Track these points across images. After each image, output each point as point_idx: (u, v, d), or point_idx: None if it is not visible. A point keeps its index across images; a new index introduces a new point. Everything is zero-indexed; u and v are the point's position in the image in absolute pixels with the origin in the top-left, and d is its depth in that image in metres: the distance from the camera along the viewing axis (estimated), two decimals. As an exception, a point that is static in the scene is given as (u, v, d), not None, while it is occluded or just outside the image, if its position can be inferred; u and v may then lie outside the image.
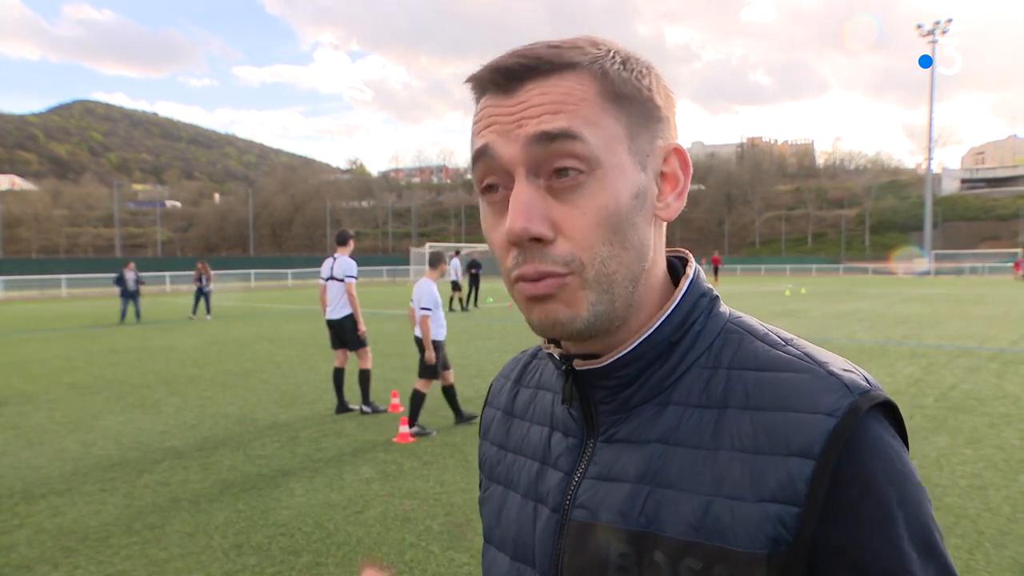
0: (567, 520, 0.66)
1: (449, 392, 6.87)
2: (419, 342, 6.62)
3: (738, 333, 0.67)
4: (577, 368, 0.68)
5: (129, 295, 19.54)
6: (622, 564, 0.61)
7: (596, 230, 0.61)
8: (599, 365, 0.66)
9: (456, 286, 21.20)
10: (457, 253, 22.43)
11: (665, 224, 0.69)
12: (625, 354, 0.65)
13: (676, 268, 0.72)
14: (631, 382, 0.66)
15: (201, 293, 20.26)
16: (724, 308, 0.70)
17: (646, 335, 0.66)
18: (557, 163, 0.60)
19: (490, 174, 0.63)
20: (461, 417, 6.95)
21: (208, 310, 20.38)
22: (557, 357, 0.70)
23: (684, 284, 0.68)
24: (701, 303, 0.68)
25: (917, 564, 0.57)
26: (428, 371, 6.55)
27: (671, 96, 0.68)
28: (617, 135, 0.62)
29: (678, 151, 0.67)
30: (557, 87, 0.61)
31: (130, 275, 19.67)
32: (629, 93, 0.63)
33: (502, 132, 0.62)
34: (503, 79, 0.62)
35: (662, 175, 0.66)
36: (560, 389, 0.72)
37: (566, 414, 0.72)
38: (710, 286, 0.71)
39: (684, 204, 0.68)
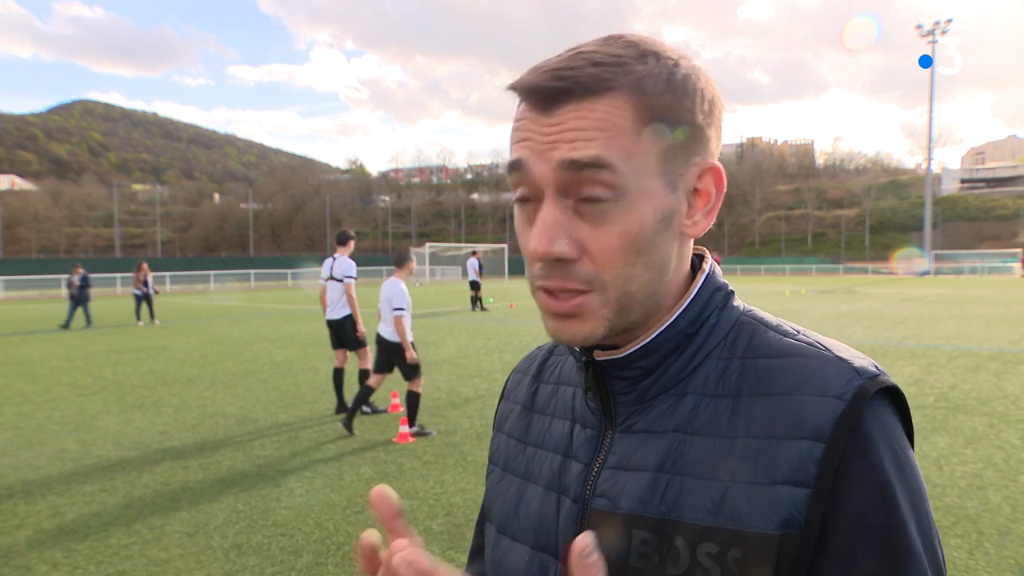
0: (588, 509, 0.68)
1: (412, 399, 6.52)
2: (383, 343, 6.54)
3: (751, 325, 0.70)
4: (597, 359, 0.69)
5: (75, 299, 18.14)
6: (643, 551, 0.63)
7: (620, 252, 0.62)
8: (618, 356, 0.68)
9: (475, 285, 21.47)
10: (474, 253, 22.43)
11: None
12: (644, 345, 0.68)
13: (693, 264, 0.74)
14: (649, 372, 0.68)
15: (144, 297, 18.87)
16: (738, 302, 0.73)
17: (663, 327, 0.68)
18: (585, 190, 0.61)
19: (522, 185, 0.65)
20: (417, 427, 6.54)
21: (152, 315, 19.05)
22: (577, 350, 0.71)
23: (700, 279, 0.70)
24: (716, 297, 0.71)
25: (918, 542, 0.59)
26: (413, 371, 6.49)
27: (716, 109, 0.67)
28: (649, 160, 0.62)
29: (714, 170, 0.67)
30: (593, 112, 0.61)
31: (74, 278, 18.30)
32: (668, 117, 0.63)
33: (535, 150, 0.63)
34: (539, 98, 0.63)
35: (695, 191, 0.67)
36: (580, 382, 0.75)
37: (585, 407, 0.74)
38: (725, 281, 0.73)
39: (713, 221, 0.68)
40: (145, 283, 19.03)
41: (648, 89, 0.62)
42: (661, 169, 0.63)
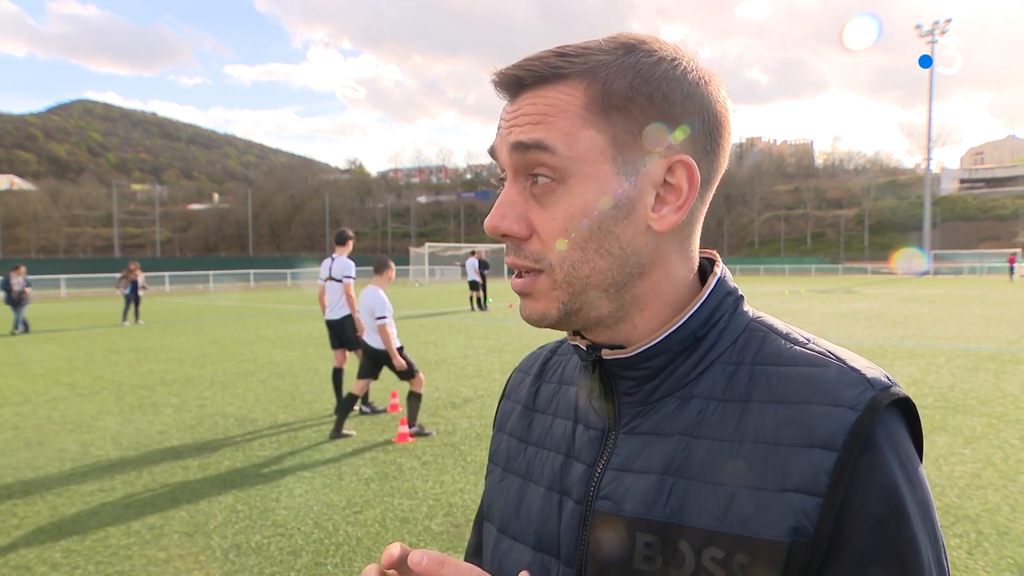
0: (591, 511, 0.68)
1: (413, 400, 6.54)
2: (371, 352, 6.56)
3: (761, 331, 0.69)
4: (604, 357, 0.69)
5: (13, 302, 17.00)
6: (647, 554, 0.63)
7: (564, 235, 0.65)
8: (625, 355, 0.68)
9: (474, 285, 21.83)
10: (473, 253, 22.65)
11: (685, 230, 0.69)
12: (652, 345, 0.67)
13: (705, 268, 0.74)
14: (656, 374, 0.68)
15: (133, 296, 18.79)
16: (748, 308, 0.73)
17: (673, 328, 0.67)
18: (532, 170, 0.65)
19: (501, 170, 0.69)
20: (416, 427, 6.57)
21: (137, 315, 18.94)
22: (584, 348, 0.71)
23: (711, 282, 0.70)
24: (727, 301, 0.71)
25: (929, 556, 0.59)
26: (408, 373, 6.49)
27: (694, 101, 0.65)
28: (598, 146, 0.63)
29: (685, 163, 0.65)
30: (544, 98, 0.64)
31: (17, 280, 17.20)
32: (619, 104, 0.63)
33: (501, 136, 0.68)
34: (505, 88, 0.67)
35: (666, 184, 0.66)
36: (584, 381, 0.74)
37: (589, 407, 0.73)
38: (735, 286, 0.73)
39: (682, 217, 0.66)
40: (134, 284, 18.92)
41: (603, 76, 0.63)
42: (612, 156, 0.63)
